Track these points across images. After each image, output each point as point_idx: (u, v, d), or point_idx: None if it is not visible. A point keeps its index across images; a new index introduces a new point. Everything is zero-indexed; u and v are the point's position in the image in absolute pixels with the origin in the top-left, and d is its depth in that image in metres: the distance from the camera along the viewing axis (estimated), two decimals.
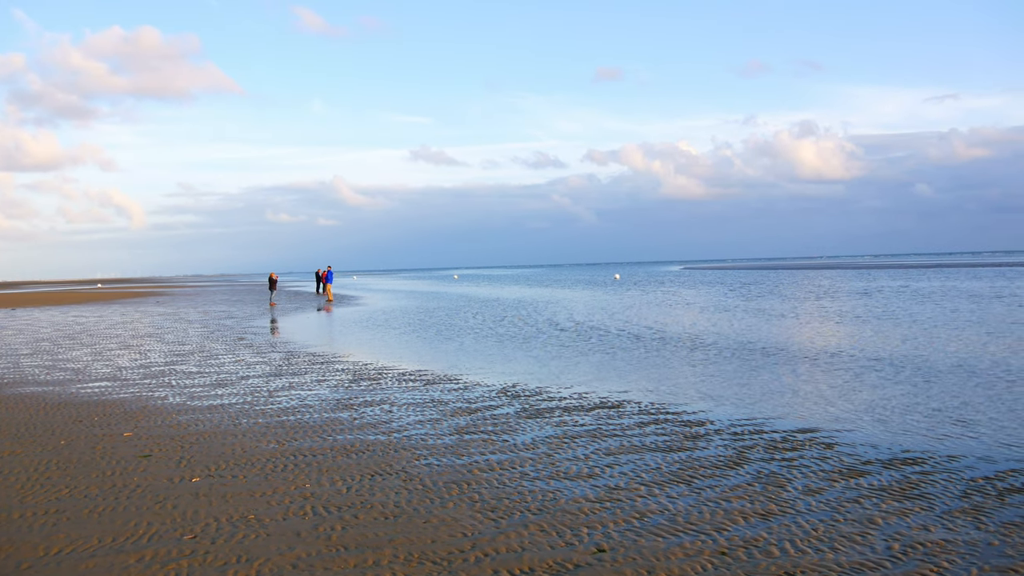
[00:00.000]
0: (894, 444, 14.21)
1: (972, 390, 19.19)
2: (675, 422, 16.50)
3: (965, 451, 13.62)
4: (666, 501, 11.17)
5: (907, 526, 9.95)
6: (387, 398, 19.99)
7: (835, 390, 19.80)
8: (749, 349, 28.60)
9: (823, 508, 10.74)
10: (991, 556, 8.96)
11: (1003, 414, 16.46)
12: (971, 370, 22.19)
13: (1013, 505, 10.71)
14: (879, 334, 32.60)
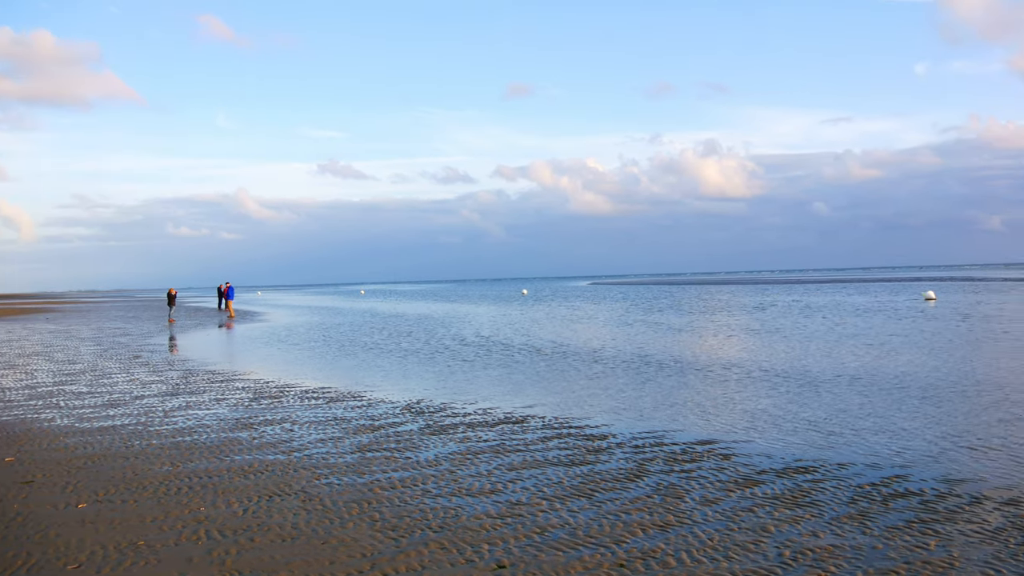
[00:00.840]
0: (787, 454, 14.62)
1: (859, 399, 19.87)
2: (578, 436, 16.65)
3: (853, 459, 14.10)
4: (567, 515, 11.26)
5: (798, 533, 10.25)
6: (288, 416, 19.68)
7: (732, 402, 20.27)
8: (650, 363, 29.07)
9: (719, 518, 10.98)
10: (875, 559, 9.29)
11: (888, 422, 17.08)
12: (856, 380, 22.99)
13: (897, 510, 11.13)
14: (772, 347, 33.55)
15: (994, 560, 9.16)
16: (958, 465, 13.46)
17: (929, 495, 11.81)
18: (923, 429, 16.30)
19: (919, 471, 13.15)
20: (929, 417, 17.46)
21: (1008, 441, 15.00)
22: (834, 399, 20.08)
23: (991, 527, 10.30)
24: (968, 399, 19.39)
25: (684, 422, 17.89)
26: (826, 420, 17.56)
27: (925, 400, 19.48)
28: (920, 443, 15.10)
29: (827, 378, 23.64)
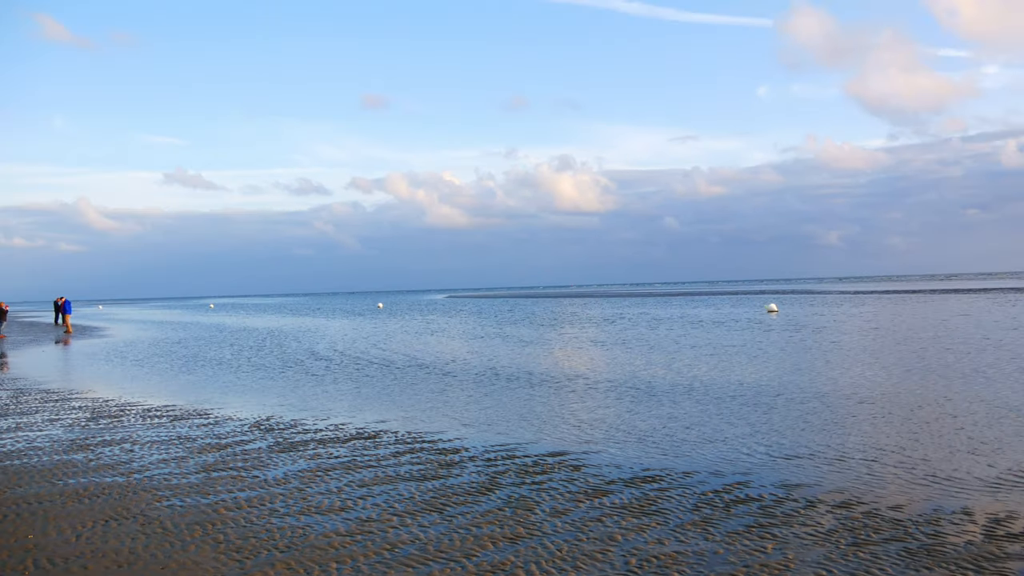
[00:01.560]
0: (636, 463, 14.95)
1: (703, 409, 20.56)
2: (430, 450, 16.57)
3: (698, 467, 14.55)
4: (418, 531, 11.16)
5: (644, 541, 10.48)
6: (129, 436, 18.83)
7: (582, 413, 20.61)
8: (502, 376, 29.27)
9: (568, 528, 11.11)
10: (716, 564, 9.59)
11: (731, 430, 17.73)
12: (701, 391, 23.79)
13: (738, 515, 11.54)
14: (619, 359, 34.37)
15: (826, 561, 9.60)
16: (795, 471, 14.07)
17: (768, 500, 12.29)
18: (763, 437, 16.98)
19: (759, 477, 13.68)
20: (769, 425, 18.20)
21: (839, 447, 15.79)
22: (680, 409, 20.69)
23: (824, 529, 10.79)
24: (804, 407, 20.33)
25: (536, 434, 18.06)
26: (672, 430, 18.07)
27: (765, 409, 20.31)
28: (760, 450, 15.73)
29: (673, 389, 24.36)
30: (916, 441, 16.11)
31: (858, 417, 18.78)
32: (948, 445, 15.65)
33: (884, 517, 11.25)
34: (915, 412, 19.19)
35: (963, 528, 10.69)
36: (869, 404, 20.45)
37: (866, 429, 17.42)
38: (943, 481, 13.08)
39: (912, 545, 10.06)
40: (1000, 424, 17.44)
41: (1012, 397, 20.71)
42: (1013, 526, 10.67)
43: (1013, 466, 13.87)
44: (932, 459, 14.58)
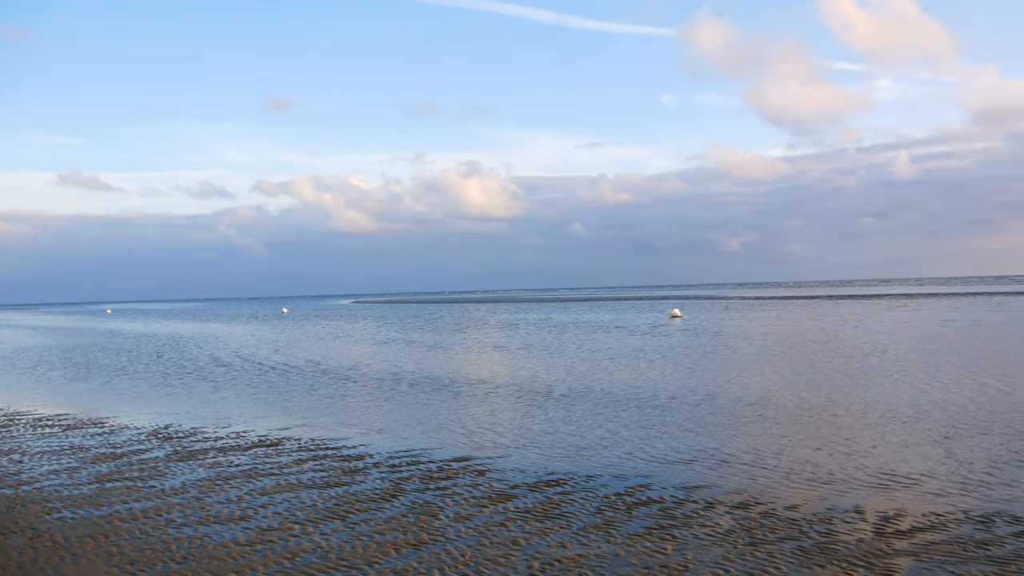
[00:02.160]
0: (540, 468, 15.03)
1: (607, 413, 20.80)
2: (335, 457, 16.37)
3: (601, 470, 14.70)
4: (320, 539, 11.00)
5: (547, 544, 10.53)
6: (18, 447, 18.12)
7: (488, 418, 20.63)
8: (408, 381, 29.12)
9: (472, 534, 11.10)
10: (618, 566, 9.69)
11: (633, 433, 17.97)
12: (604, 394, 24.07)
13: (639, 517, 11.69)
14: (524, 364, 34.57)
15: (724, 561, 9.80)
16: (695, 473, 14.33)
17: (669, 502, 12.48)
18: (665, 439, 17.26)
19: (660, 480, 13.89)
20: (670, 428, 18.51)
21: (738, 449, 16.15)
22: (583, 413, 20.88)
23: (723, 530, 11.01)
24: (704, 410, 20.73)
25: (441, 440, 18.01)
26: (576, 433, 18.22)
27: (666, 412, 20.64)
28: (662, 453, 15.98)
29: (576, 393, 24.58)
30: (810, 443, 16.58)
31: (755, 420, 19.25)
32: (840, 447, 16.15)
33: (780, 517, 11.55)
34: (809, 415, 19.76)
35: (855, 526, 11.03)
36: (765, 407, 20.98)
37: (763, 431, 17.86)
38: (836, 481, 13.49)
39: (806, 543, 10.34)
40: (885, 427, 18.08)
41: (895, 401, 21.50)
42: (901, 523, 11.06)
43: (901, 466, 14.39)
44: (825, 460, 15.03)
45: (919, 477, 13.58)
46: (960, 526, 10.90)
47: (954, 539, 10.36)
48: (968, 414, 19.03)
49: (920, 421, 18.42)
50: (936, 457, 14.96)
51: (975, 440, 16.27)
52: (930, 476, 13.62)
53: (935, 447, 15.78)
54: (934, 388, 23.29)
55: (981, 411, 19.33)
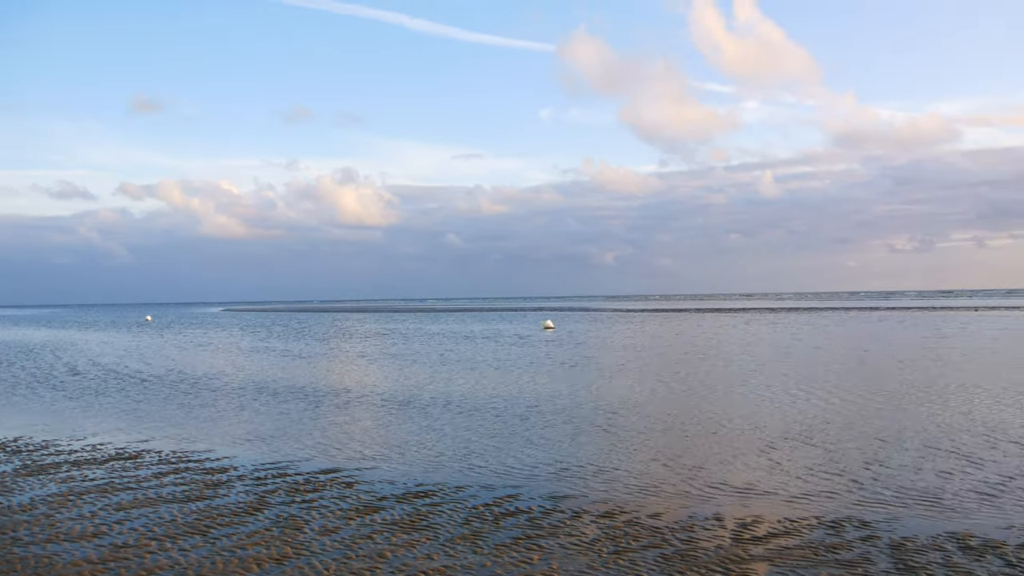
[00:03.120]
0: (409, 479, 14.93)
1: (478, 423, 20.84)
2: (197, 470, 15.87)
3: (470, 481, 14.71)
4: (178, 555, 10.63)
5: (413, 556, 10.46)
6: None
7: (357, 429, 20.39)
8: (277, 392, 28.54)
9: (338, 547, 10.93)
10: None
11: (503, 443, 18.06)
12: (475, 405, 24.14)
13: (506, 528, 11.74)
14: (392, 373, 34.37)
15: (589, 569, 9.93)
16: (563, 482, 14.50)
17: (536, 512, 12.58)
18: (535, 449, 17.41)
19: (529, 490, 14.00)
20: (540, 438, 18.68)
21: (605, 458, 16.43)
22: (454, 423, 20.87)
23: (588, 539, 11.17)
24: (573, 420, 21.02)
25: (309, 451, 17.69)
26: (446, 444, 18.19)
27: (537, 422, 20.83)
28: (531, 463, 16.10)
29: (447, 403, 24.56)
30: (674, 452, 17.01)
31: (621, 430, 19.62)
32: (702, 455, 16.63)
33: (644, 525, 11.79)
34: (673, 425, 20.28)
35: (714, 533, 11.36)
36: (631, 418, 21.42)
37: (630, 442, 18.22)
38: (698, 489, 13.87)
39: (668, 551, 10.59)
40: (744, 437, 18.72)
41: (754, 412, 22.30)
42: (758, 530, 11.45)
43: (759, 475, 14.91)
44: (687, 469, 15.44)
45: (775, 485, 14.09)
46: (812, 531, 11.36)
47: (806, 544, 10.78)
48: (820, 424, 19.89)
49: (775, 431, 19.13)
50: (791, 466, 15.56)
51: (826, 449, 17.01)
52: (786, 484, 14.15)
53: (791, 456, 16.42)
54: (787, 399, 24.25)
55: (831, 421, 20.23)
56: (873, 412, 21.50)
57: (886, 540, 10.94)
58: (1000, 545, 10.65)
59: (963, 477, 14.41)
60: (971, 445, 17.07)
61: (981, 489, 13.56)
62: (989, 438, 17.78)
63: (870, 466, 15.38)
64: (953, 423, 19.62)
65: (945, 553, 10.38)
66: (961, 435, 18.13)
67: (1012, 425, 19.23)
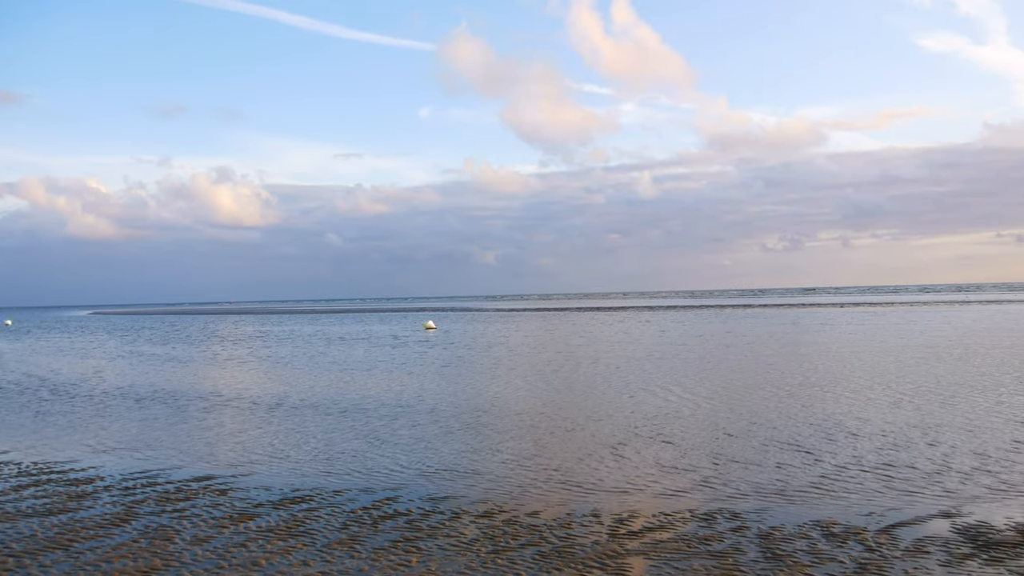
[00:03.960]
0: (286, 484, 14.63)
1: (356, 425, 20.61)
2: (60, 481, 15.18)
3: (349, 484, 14.52)
4: (38, 571, 10.14)
5: (288, 564, 10.25)
6: None
7: (232, 434, 19.89)
8: (144, 397, 27.58)
9: (210, 556, 10.61)
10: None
11: (382, 446, 17.91)
12: (354, 407, 23.87)
13: (385, 531, 11.63)
14: (270, 376, 33.71)
15: (467, 569, 9.93)
16: (442, 483, 14.47)
17: (415, 514, 12.51)
18: (413, 451, 17.32)
19: (408, 492, 13.91)
20: (418, 439, 18.59)
21: (485, 458, 16.48)
22: (333, 427, 20.59)
23: (467, 539, 11.16)
24: (449, 421, 21.00)
25: (181, 458, 17.15)
26: (323, 448, 17.92)
27: (415, 423, 20.73)
28: (410, 465, 16.01)
29: (323, 406, 24.21)
30: (552, 450, 17.19)
31: (501, 429, 19.71)
32: (579, 453, 16.85)
33: (522, 524, 11.86)
34: (551, 422, 20.49)
35: (591, 529, 11.52)
36: (509, 416, 21.55)
37: (510, 440, 18.31)
38: (576, 486, 14.05)
39: (546, 548, 10.68)
40: (622, 432, 19.06)
41: (628, 407, 22.76)
42: (634, 525, 11.67)
43: (636, 470, 15.21)
44: (566, 466, 15.62)
45: (652, 480, 14.39)
46: (686, 524, 11.64)
47: (680, 537, 11.04)
48: (693, 420, 20.43)
49: (649, 427, 19.56)
50: (667, 461, 15.92)
51: (700, 444, 17.48)
52: (662, 479, 14.47)
53: (663, 450, 16.80)
54: (658, 395, 24.82)
55: (702, 418, 20.81)
56: (742, 407, 22.21)
57: (755, 530, 11.31)
58: (861, 531, 11.14)
59: (829, 467, 15.02)
60: (837, 436, 17.81)
61: (845, 478, 14.16)
62: (855, 429, 18.58)
63: (742, 459, 15.87)
64: (822, 416, 20.44)
65: (810, 540, 10.80)
66: (829, 428, 18.91)
67: (884, 421, 20.15)
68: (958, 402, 21.98)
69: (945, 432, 17.91)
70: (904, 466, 14.91)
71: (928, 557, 10.02)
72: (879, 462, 15.29)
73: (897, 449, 16.35)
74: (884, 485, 13.62)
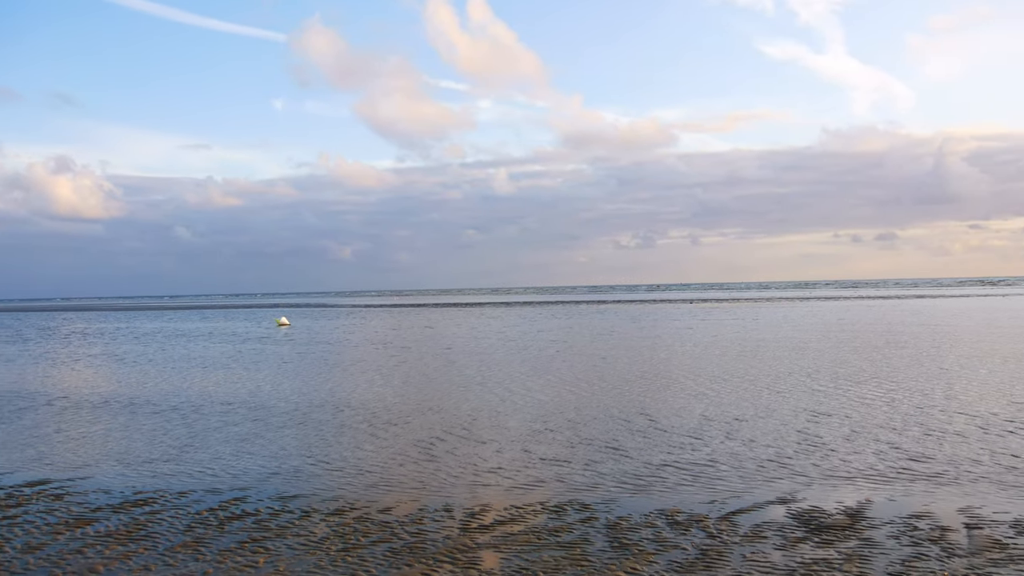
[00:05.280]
0: (127, 487, 14.07)
1: (204, 425, 20.01)
2: None
3: (194, 485, 14.09)
4: None
5: (128, 569, 9.86)
6: None
7: (69, 436, 18.97)
8: None
9: (43, 564, 10.10)
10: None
11: (231, 446, 17.45)
12: (199, 406, 23.18)
13: (231, 532, 11.35)
14: (110, 375, 32.37)
15: (316, 568, 9.79)
16: (293, 482, 14.22)
17: (264, 514, 12.25)
18: (262, 450, 16.96)
19: (257, 492, 13.60)
20: (268, 438, 18.22)
21: (337, 456, 16.29)
22: (177, 426, 19.94)
23: (317, 537, 11.01)
24: (303, 418, 20.67)
25: (11, 463, 16.25)
26: (168, 449, 17.33)
27: (265, 422, 20.30)
28: (259, 464, 15.67)
29: (167, 405, 23.42)
30: (404, 446, 17.15)
31: (354, 426, 19.54)
32: (432, 449, 16.88)
33: (374, 520, 11.79)
34: (405, 419, 20.45)
35: (443, 524, 11.55)
36: (361, 412, 21.38)
37: (362, 437, 18.17)
38: (429, 482, 14.06)
39: (397, 544, 10.65)
40: (472, 428, 19.21)
41: (479, 403, 22.95)
42: (485, 518, 11.77)
43: (486, 463, 15.35)
44: (419, 462, 15.62)
45: (504, 474, 14.55)
46: (536, 516, 11.83)
47: (530, 529, 11.21)
48: (542, 412, 20.76)
49: (497, 421, 19.77)
50: (519, 453, 16.13)
51: (550, 435, 17.78)
52: (514, 472, 14.65)
53: (514, 444, 17.02)
54: (512, 391, 25.12)
55: (551, 410, 21.18)
56: (589, 399, 22.72)
57: (604, 520, 11.60)
58: (703, 518, 11.59)
59: (676, 457, 15.54)
60: (682, 427, 18.43)
61: (689, 468, 14.68)
62: (699, 420, 19.28)
63: (592, 452, 16.23)
64: (665, 407, 21.11)
65: (656, 529, 11.15)
66: (670, 418, 19.55)
67: (724, 413, 20.97)
68: (794, 392, 23.11)
69: (781, 421, 18.81)
70: (745, 455, 15.59)
71: (765, 542, 10.51)
72: (722, 451, 15.93)
73: (738, 438, 17.07)
74: (727, 473, 14.21)
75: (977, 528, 10.90)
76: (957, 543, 10.27)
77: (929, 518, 11.38)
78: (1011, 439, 16.53)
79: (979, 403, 20.79)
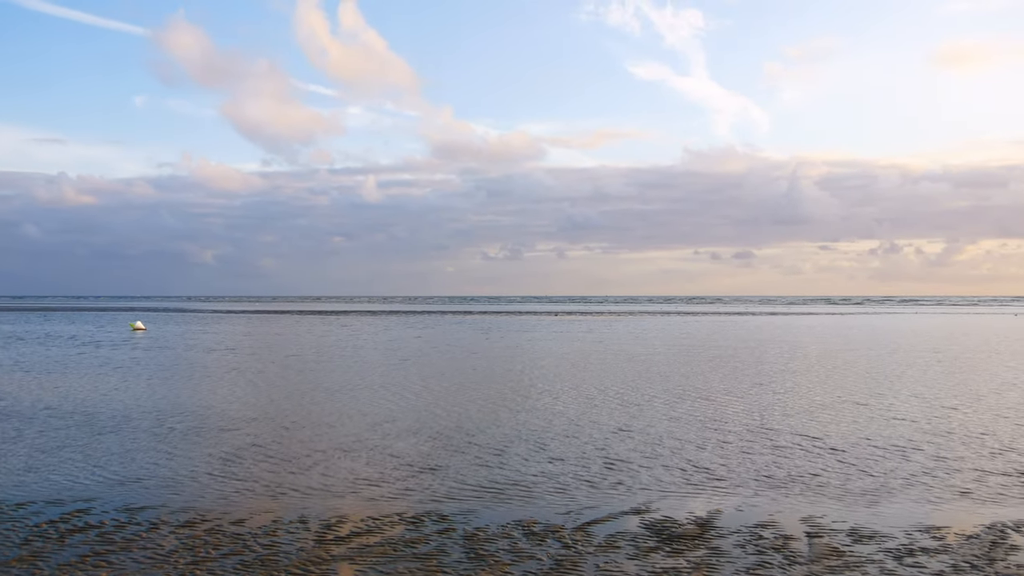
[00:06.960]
0: None
1: (42, 434, 19.10)
2: None
3: (34, 496, 13.41)
4: None
5: None
6: None
7: None
8: None
9: None
10: None
11: (77, 455, 16.71)
12: (33, 414, 22.13)
13: (72, 545, 10.85)
14: None
15: None
16: (141, 493, 13.70)
17: (109, 526, 11.76)
18: (109, 460, 16.29)
19: (102, 503, 13.05)
20: (116, 448, 17.53)
21: (190, 467, 15.80)
22: (15, 435, 18.95)
23: (165, 550, 10.64)
24: (156, 427, 19.98)
25: None
26: (6, 458, 16.44)
27: (111, 431, 19.53)
28: (105, 474, 15.05)
29: (6, 413, 22.24)
30: (261, 456, 16.78)
31: (209, 435, 19.01)
32: (287, 459, 16.57)
33: (226, 532, 11.48)
34: (259, 428, 20.01)
35: (298, 536, 11.35)
36: (217, 422, 20.84)
37: (214, 447, 17.68)
38: (284, 493, 13.79)
39: (249, 557, 10.39)
40: (332, 437, 18.96)
41: (336, 410, 22.70)
42: (341, 530, 11.62)
43: (346, 475, 15.15)
44: (273, 473, 15.30)
45: (361, 485, 14.40)
46: (394, 528, 11.76)
47: (387, 541, 11.13)
48: (394, 423, 20.68)
49: (355, 431, 19.58)
50: (376, 464, 16.00)
51: (407, 447, 17.71)
52: (371, 483, 14.52)
53: (372, 455, 16.89)
54: (365, 399, 24.94)
55: (407, 420, 21.13)
56: (448, 411, 22.75)
57: (461, 532, 11.62)
58: (559, 529, 11.75)
59: (533, 469, 15.71)
60: (540, 439, 18.66)
61: (547, 479, 14.86)
62: (555, 432, 19.54)
63: (451, 463, 16.24)
64: (524, 420, 21.33)
65: (512, 540, 11.25)
66: (531, 431, 19.76)
67: (601, 421, 21.31)
68: (651, 404, 23.73)
69: (639, 433, 19.27)
70: (602, 466, 15.89)
71: (618, 551, 10.74)
72: (580, 462, 16.19)
73: (597, 450, 17.39)
74: (583, 484, 14.45)
75: (817, 536, 11.44)
76: (799, 551, 10.75)
77: (774, 527, 11.88)
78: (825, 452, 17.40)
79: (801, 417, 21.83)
